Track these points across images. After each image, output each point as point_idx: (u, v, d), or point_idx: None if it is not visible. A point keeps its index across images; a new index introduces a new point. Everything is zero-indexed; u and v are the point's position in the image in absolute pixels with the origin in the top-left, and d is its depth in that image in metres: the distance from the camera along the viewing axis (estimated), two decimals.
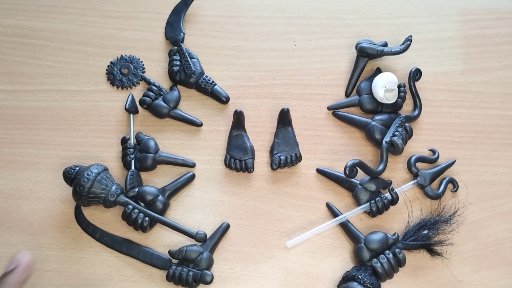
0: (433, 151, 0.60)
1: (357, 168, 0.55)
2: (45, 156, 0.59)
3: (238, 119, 0.59)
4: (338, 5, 0.66)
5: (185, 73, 0.61)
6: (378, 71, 0.62)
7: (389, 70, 0.62)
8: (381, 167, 0.56)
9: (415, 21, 0.66)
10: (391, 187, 0.57)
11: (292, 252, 0.56)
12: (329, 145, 0.60)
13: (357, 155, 0.60)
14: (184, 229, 0.55)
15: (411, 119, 0.60)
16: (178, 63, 0.62)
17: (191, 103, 0.62)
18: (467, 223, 0.57)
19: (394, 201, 0.56)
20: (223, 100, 0.61)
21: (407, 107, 0.61)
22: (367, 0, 0.67)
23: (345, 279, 0.54)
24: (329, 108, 0.62)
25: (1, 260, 0.55)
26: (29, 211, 0.57)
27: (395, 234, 0.55)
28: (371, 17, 0.66)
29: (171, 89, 0.62)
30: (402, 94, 0.60)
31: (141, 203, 0.56)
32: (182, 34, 0.63)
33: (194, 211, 0.58)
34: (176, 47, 0.63)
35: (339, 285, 0.54)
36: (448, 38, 0.65)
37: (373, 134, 0.59)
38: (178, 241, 0.56)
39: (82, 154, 0.60)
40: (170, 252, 0.55)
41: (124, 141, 0.59)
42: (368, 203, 0.56)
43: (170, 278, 0.54)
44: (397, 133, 0.58)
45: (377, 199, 0.56)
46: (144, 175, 0.59)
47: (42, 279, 0.55)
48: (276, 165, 0.58)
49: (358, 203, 0.57)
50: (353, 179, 0.57)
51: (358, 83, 0.62)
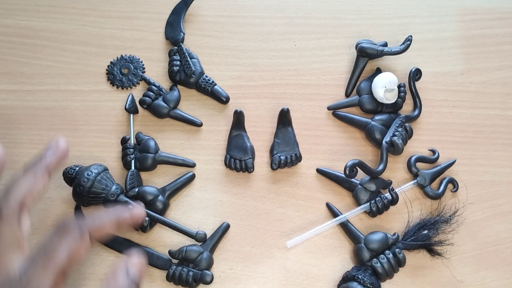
0: (433, 151, 0.60)
1: (357, 168, 0.55)
2: None
3: (238, 119, 0.59)
4: (338, 5, 0.66)
5: (185, 73, 0.61)
6: (378, 71, 0.62)
7: (389, 70, 0.62)
8: (381, 167, 0.56)
9: (415, 21, 0.66)
10: (391, 187, 0.57)
11: (292, 252, 0.56)
12: (329, 145, 0.60)
13: (357, 155, 0.60)
14: (184, 229, 0.55)
15: (411, 119, 0.60)
16: (178, 63, 0.62)
17: (191, 103, 0.62)
18: (467, 223, 0.57)
19: (394, 201, 0.56)
20: (223, 100, 0.61)
21: (407, 107, 0.61)
22: (367, 0, 0.67)
23: (345, 279, 0.54)
24: (329, 108, 0.62)
25: None
26: None
27: (395, 234, 0.55)
28: (371, 17, 0.66)
29: (171, 89, 0.62)
30: (402, 94, 0.60)
31: (141, 203, 0.56)
32: (182, 34, 0.63)
33: (194, 211, 0.58)
34: (176, 47, 0.63)
35: (339, 285, 0.54)
36: (448, 38, 0.65)
37: (373, 134, 0.59)
38: (178, 241, 0.56)
39: (82, 154, 0.60)
40: (170, 252, 0.55)
41: (124, 141, 0.59)
42: (368, 203, 0.56)
43: (170, 278, 0.54)
44: (397, 133, 0.58)
45: (377, 199, 0.56)
46: (144, 175, 0.58)
47: None
48: (276, 165, 0.58)
49: (358, 203, 0.57)
50: (353, 179, 0.57)
51: (358, 83, 0.62)
